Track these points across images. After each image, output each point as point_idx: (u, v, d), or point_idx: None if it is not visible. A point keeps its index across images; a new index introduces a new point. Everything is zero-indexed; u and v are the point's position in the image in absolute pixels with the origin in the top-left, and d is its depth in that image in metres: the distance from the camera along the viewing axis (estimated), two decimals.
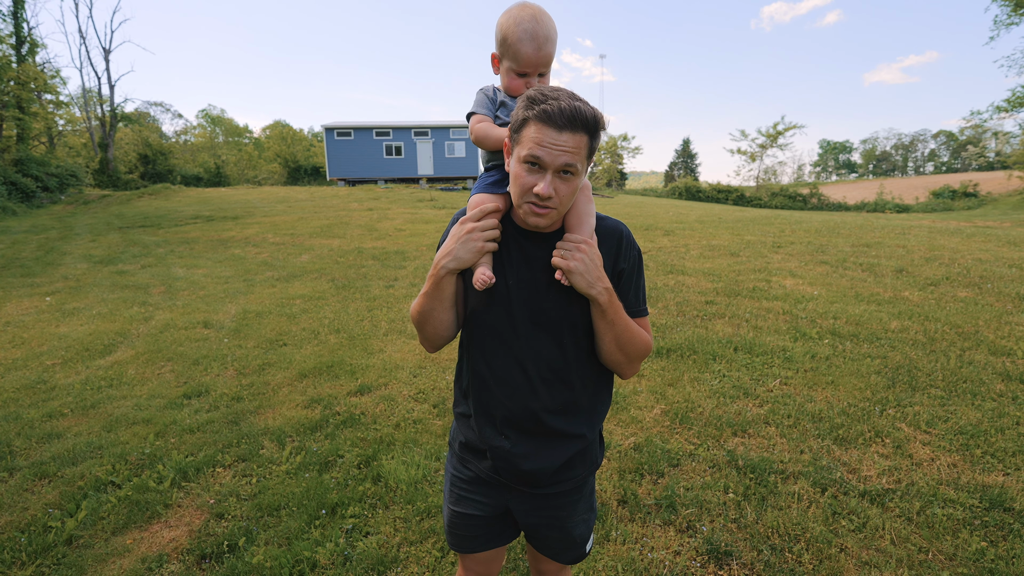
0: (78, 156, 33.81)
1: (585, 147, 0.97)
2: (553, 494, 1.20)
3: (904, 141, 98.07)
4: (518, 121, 0.99)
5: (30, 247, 11.54)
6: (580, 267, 1.01)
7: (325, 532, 2.33)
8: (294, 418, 3.43)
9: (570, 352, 1.12)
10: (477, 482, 1.23)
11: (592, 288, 1.03)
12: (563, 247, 1.04)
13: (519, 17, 1.07)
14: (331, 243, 10.79)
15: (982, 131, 34.71)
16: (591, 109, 0.96)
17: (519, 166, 0.99)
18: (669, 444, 2.93)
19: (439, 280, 1.09)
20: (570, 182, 0.99)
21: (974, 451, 2.75)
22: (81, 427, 3.44)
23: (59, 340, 5.37)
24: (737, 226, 11.66)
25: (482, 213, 1.07)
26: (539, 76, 1.11)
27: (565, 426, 1.15)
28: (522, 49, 1.06)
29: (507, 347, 1.12)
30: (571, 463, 1.18)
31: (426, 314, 1.14)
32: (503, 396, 1.13)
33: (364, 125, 29.72)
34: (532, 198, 0.99)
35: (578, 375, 1.14)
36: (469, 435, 1.22)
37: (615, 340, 1.09)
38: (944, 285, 6.02)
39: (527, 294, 1.10)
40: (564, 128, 0.93)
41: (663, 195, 36.74)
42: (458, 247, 1.05)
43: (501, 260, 1.11)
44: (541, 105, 0.94)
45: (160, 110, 53.91)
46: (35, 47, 24.09)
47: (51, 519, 2.47)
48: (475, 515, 1.25)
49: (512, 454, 1.14)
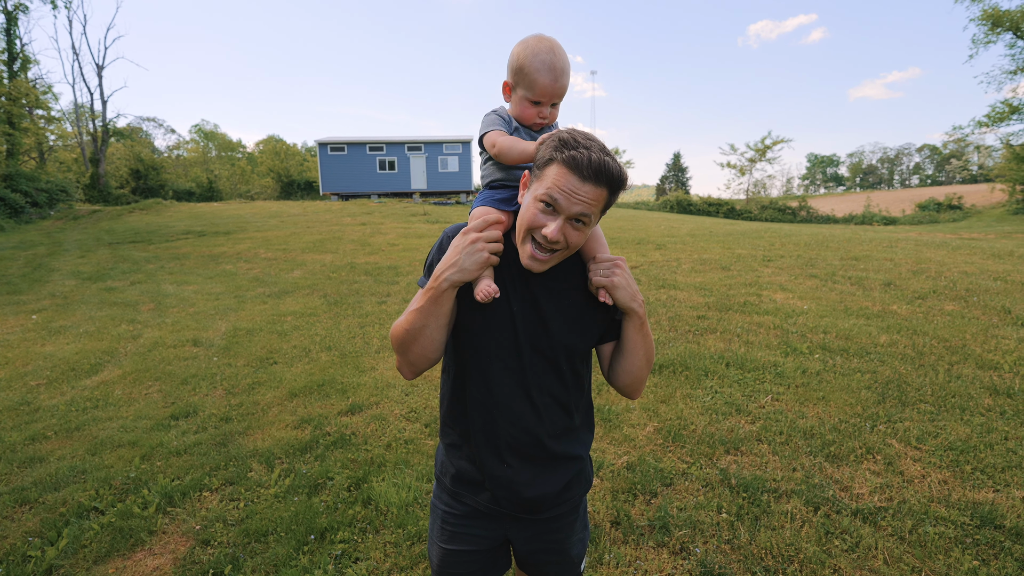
0: (69, 171, 33.61)
1: (603, 201, 0.98)
2: (553, 517, 1.19)
3: (890, 155, 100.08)
4: (543, 159, 0.98)
5: (17, 263, 11.40)
6: (622, 282, 1.05)
7: (314, 558, 2.29)
8: (283, 439, 3.38)
9: (568, 378, 1.13)
10: (473, 515, 1.19)
11: (634, 301, 1.07)
12: (599, 267, 1.07)
13: (537, 48, 1.08)
14: (323, 258, 10.76)
15: (965, 145, 35.55)
16: (618, 167, 0.96)
17: (533, 203, 0.98)
18: (662, 463, 2.92)
19: (439, 295, 1.02)
20: (581, 231, 0.99)
21: (964, 467, 2.76)
22: (65, 450, 3.37)
23: (44, 359, 5.28)
24: (728, 240, 11.78)
25: (486, 223, 1.04)
26: (552, 107, 1.13)
27: (564, 449, 1.15)
28: (539, 79, 1.07)
29: (510, 372, 1.09)
30: (570, 485, 1.18)
31: (416, 332, 1.06)
32: (506, 422, 1.11)
33: (357, 140, 29.86)
34: (539, 237, 0.98)
35: (575, 401, 1.16)
36: (463, 466, 1.18)
37: (646, 352, 1.15)
38: (931, 298, 6.10)
39: (530, 319, 1.09)
40: (588, 180, 0.94)
41: (655, 208, 37.09)
42: (463, 258, 1.00)
43: (503, 282, 1.08)
44: (571, 151, 0.93)
45: (153, 125, 54.01)
46: (27, 63, 24.09)
47: (31, 548, 2.40)
48: (472, 551, 1.20)
49: (514, 482, 1.12)
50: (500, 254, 1.05)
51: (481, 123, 1.18)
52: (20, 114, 22.46)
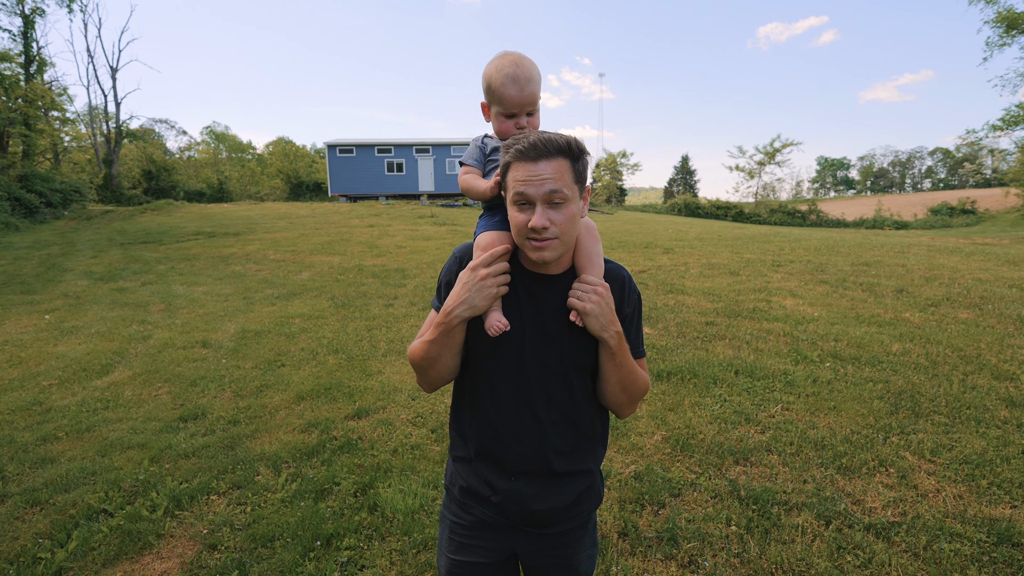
0: (82, 172, 34.11)
1: (568, 172, 0.99)
2: (561, 532, 1.19)
3: (901, 158, 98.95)
4: (502, 168, 1.03)
5: (31, 263, 11.56)
6: (596, 310, 1.03)
7: (319, 565, 2.29)
8: (291, 443, 3.39)
9: (578, 393, 1.13)
10: (481, 527, 1.20)
11: (605, 331, 1.04)
12: (579, 288, 1.05)
13: (500, 64, 1.13)
14: (331, 260, 10.82)
15: (978, 148, 35.10)
16: (563, 136, 1.00)
17: (512, 208, 1.03)
18: (670, 473, 2.89)
19: (450, 329, 1.07)
20: (563, 210, 1.00)
21: (980, 482, 2.70)
22: (75, 451, 3.40)
23: (56, 359, 5.34)
24: (737, 244, 11.69)
25: (492, 257, 1.06)
26: (528, 116, 1.16)
27: (572, 465, 1.15)
28: (506, 92, 1.12)
29: (517, 390, 1.11)
30: (579, 500, 1.18)
31: (431, 360, 1.12)
32: (512, 440, 1.12)
33: (366, 142, 30.03)
34: (530, 234, 1.00)
35: (586, 416, 1.15)
36: (471, 480, 1.19)
37: (620, 382, 1.11)
38: (945, 306, 6.01)
39: (538, 337, 1.10)
40: (540, 158, 0.97)
41: (662, 211, 36.94)
42: (472, 295, 1.04)
43: (510, 303, 1.11)
44: (515, 147, 1.00)
45: (165, 127, 54.62)
46: (44, 66, 24.49)
47: (41, 550, 2.42)
48: (479, 563, 1.21)
49: (522, 495, 1.13)
50: (507, 284, 1.09)
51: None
52: (36, 116, 22.83)
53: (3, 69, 21.41)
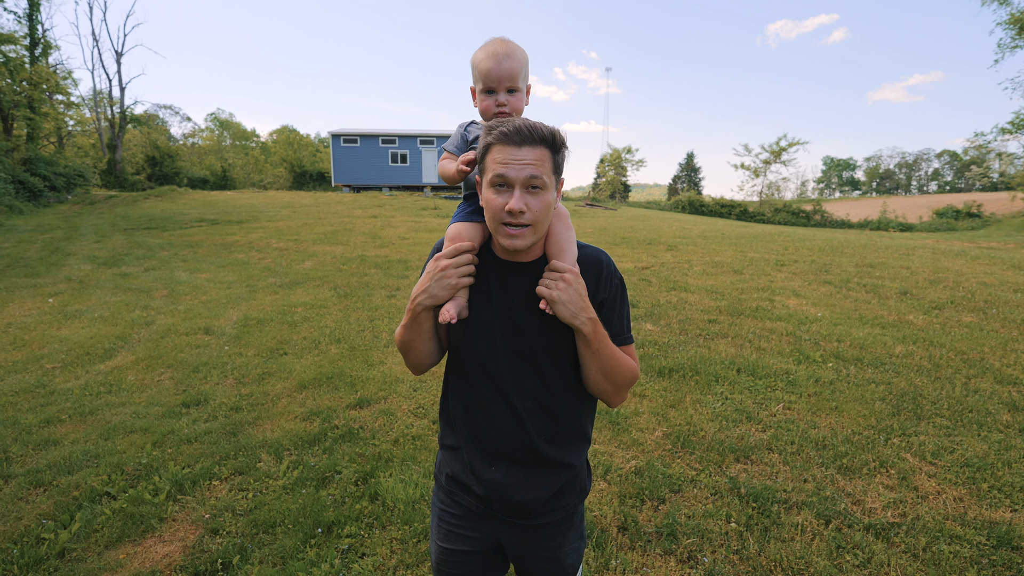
0: (86, 156, 34.04)
1: (548, 161, 1.00)
2: (545, 524, 1.19)
3: (908, 160, 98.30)
4: (481, 150, 1.04)
5: (35, 247, 11.58)
6: (564, 297, 1.02)
7: (320, 552, 2.30)
8: (292, 431, 3.41)
9: (553, 382, 1.12)
10: (467, 516, 1.21)
11: (576, 319, 1.03)
12: (548, 276, 1.05)
13: (484, 44, 1.19)
14: (334, 250, 10.81)
15: (986, 152, 34.81)
16: (547, 126, 1.01)
17: (488, 191, 1.02)
18: (670, 469, 2.89)
19: (416, 316, 1.11)
20: (540, 197, 1.00)
21: (981, 485, 2.71)
22: (78, 434, 3.42)
23: (60, 343, 5.36)
24: (740, 242, 11.65)
25: (456, 251, 1.08)
26: (509, 93, 1.17)
27: (554, 455, 1.15)
28: (483, 66, 1.15)
29: (491, 378, 1.12)
30: (562, 492, 1.18)
31: (407, 344, 1.17)
32: (491, 428, 1.13)
33: (370, 132, 29.92)
34: (506, 218, 1.00)
35: (565, 405, 1.14)
36: (456, 468, 1.21)
37: (601, 369, 1.09)
38: (949, 309, 5.99)
39: (509, 326, 1.11)
40: (523, 143, 0.98)
41: (666, 208, 36.81)
42: (433, 284, 1.07)
43: (481, 291, 1.13)
44: (498, 129, 1.00)
45: (169, 113, 54.47)
46: (49, 49, 24.39)
47: (44, 530, 2.44)
48: (466, 551, 1.22)
49: (504, 485, 1.13)
50: (473, 275, 1.10)
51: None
52: (40, 99, 22.77)
53: (8, 51, 21.32)
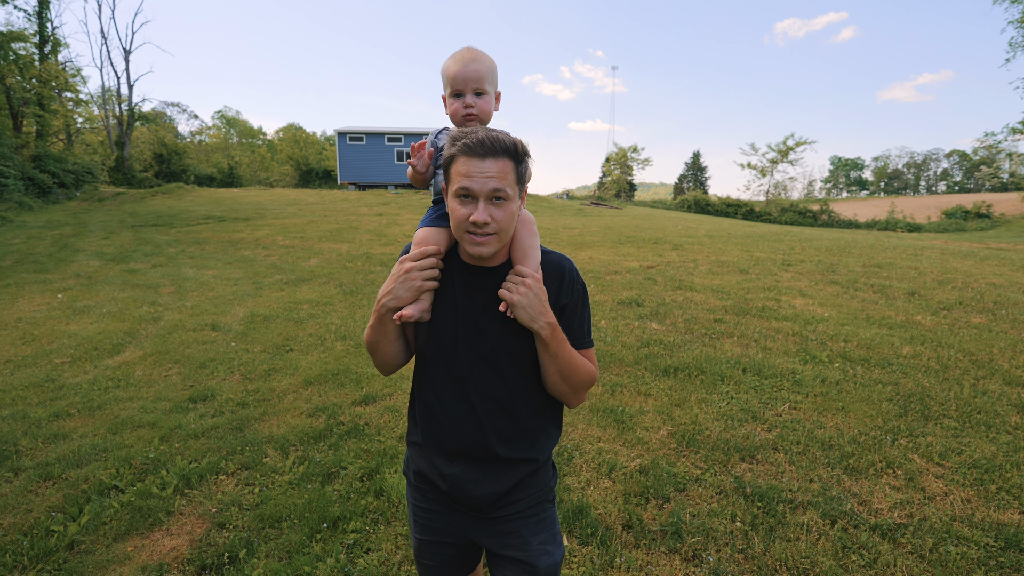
0: (95, 153, 34.32)
1: (511, 172, 1.02)
2: (505, 517, 1.21)
3: (916, 160, 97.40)
4: (446, 160, 1.05)
5: (44, 243, 11.70)
6: (524, 301, 1.05)
7: (326, 547, 2.31)
8: (298, 426, 3.43)
9: (513, 383, 1.15)
10: (437, 510, 1.25)
11: (534, 322, 1.06)
12: (510, 280, 1.08)
13: (451, 55, 1.21)
14: (340, 247, 10.85)
15: (996, 152, 34.46)
16: (510, 137, 1.03)
17: (453, 201, 1.04)
18: (675, 468, 2.89)
19: (381, 316, 1.13)
20: (504, 207, 1.02)
21: (989, 487, 2.68)
22: (87, 428, 3.46)
23: (69, 338, 5.42)
24: (747, 242, 11.60)
25: (422, 255, 1.11)
26: (477, 96, 1.18)
27: (511, 453, 1.17)
28: (450, 70, 1.18)
29: (452, 378, 1.15)
30: (520, 485, 1.20)
31: (374, 344, 1.19)
32: (450, 427, 1.16)
33: (376, 130, 29.98)
34: (470, 227, 1.02)
35: (524, 405, 1.17)
36: (421, 464, 1.24)
37: (559, 372, 1.12)
38: (957, 310, 5.93)
39: (471, 328, 1.13)
40: (487, 156, 1.00)
41: (672, 207, 36.68)
42: (397, 286, 1.10)
43: (445, 293, 1.15)
44: (462, 140, 1.01)
45: (177, 110, 54.80)
46: (58, 46, 24.59)
47: (54, 523, 2.47)
48: (440, 542, 1.26)
49: (463, 479, 1.16)
50: (438, 279, 1.13)
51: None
52: (50, 96, 22.98)
53: (18, 48, 21.51)
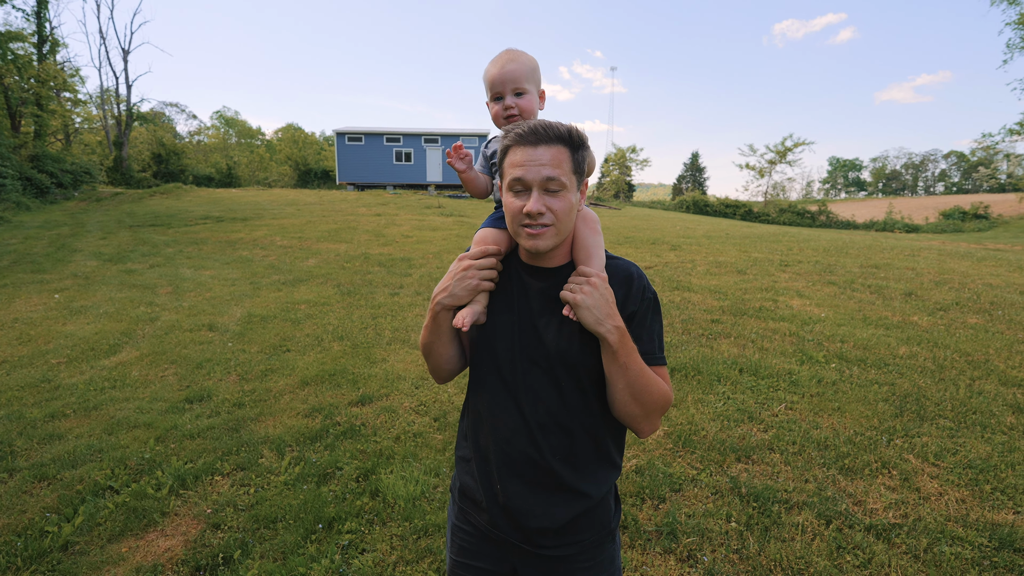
0: (93, 153, 34.24)
1: (567, 160, 0.97)
2: (559, 558, 1.07)
3: (914, 160, 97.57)
4: (500, 155, 1.02)
5: (42, 243, 11.67)
6: (589, 301, 0.95)
7: (321, 547, 2.31)
8: (294, 427, 3.42)
9: (570, 396, 1.03)
10: (479, 536, 1.15)
11: (601, 325, 0.95)
12: (573, 280, 1.00)
13: (493, 57, 1.21)
14: (338, 248, 10.84)
15: (994, 153, 34.53)
16: (564, 124, 0.98)
17: (507, 195, 1.00)
18: (671, 468, 2.89)
19: (436, 315, 1.08)
20: (560, 197, 0.97)
21: (983, 487, 2.69)
22: (83, 429, 3.45)
23: (65, 338, 5.40)
24: (744, 243, 11.61)
25: (482, 253, 1.07)
26: (517, 96, 1.18)
27: (565, 478, 1.04)
28: (489, 72, 1.18)
29: (505, 385, 1.06)
30: (576, 524, 1.06)
31: (428, 346, 1.14)
32: (499, 439, 1.06)
33: (375, 131, 29.96)
34: (524, 220, 0.97)
35: (580, 423, 1.04)
36: (467, 481, 1.15)
37: (628, 387, 0.98)
38: (954, 311, 5.95)
39: (529, 332, 1.05)
40: (539, 143, 0.96)
41: (670, 208, 36.70)
42: (454, 284, 1.05)
43: (505, 296, 1.10)
44: (514, 130, 0.98)
45: (175, 110, 54.69)
46: (56, 46, 24.52)
47: (48, 523, 2.46)
48: (479, 567, 1.16)
49: (509, 507, 1.05)
50: (496, 280, 1.08)
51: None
52: (48, 96, 22.93)
53: (16, 48, 21.46)
